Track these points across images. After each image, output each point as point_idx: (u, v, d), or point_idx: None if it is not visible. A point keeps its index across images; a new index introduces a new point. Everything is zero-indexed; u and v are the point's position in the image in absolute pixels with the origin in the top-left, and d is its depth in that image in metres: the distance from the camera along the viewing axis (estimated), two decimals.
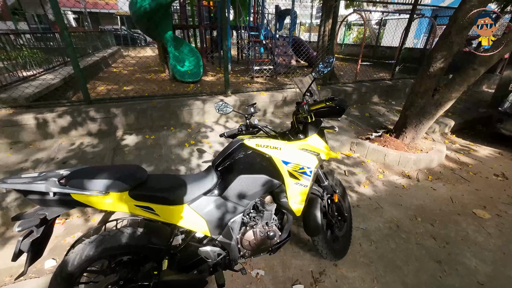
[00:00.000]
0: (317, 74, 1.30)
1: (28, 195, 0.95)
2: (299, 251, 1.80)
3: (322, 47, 5.15)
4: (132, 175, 1.08)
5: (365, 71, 7.16)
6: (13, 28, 12.71)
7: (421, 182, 2.71)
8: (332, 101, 1.10)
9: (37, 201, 0.97)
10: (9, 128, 2.72)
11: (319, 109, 1.26)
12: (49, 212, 0.99)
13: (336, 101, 1.09)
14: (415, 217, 2.16)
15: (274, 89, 4.12)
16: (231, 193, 1.21)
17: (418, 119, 2.99)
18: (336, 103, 1.10)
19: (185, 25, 7.50)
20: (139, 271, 1.20)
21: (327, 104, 1.13)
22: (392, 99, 5.08)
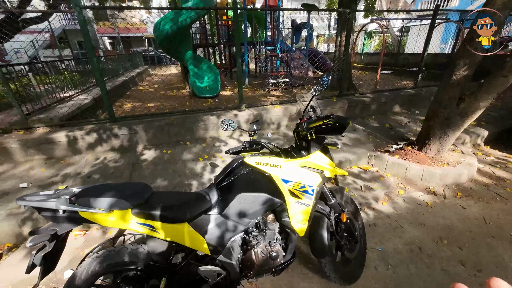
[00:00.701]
0: (319, 89, 1.28)
1: (41, 212, 1.04)
2: (308, 272, 1.71)
3: (339, 57, 5.10)
4: (135, 194, 1.13)
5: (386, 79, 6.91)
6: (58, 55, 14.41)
7: (448, 199, 2.47)
8: (329, 118, 1.07)
9: (49, 218, 1.05)
10: (45, 145, 3.02)
11: (319, 126, 1.23)
12: (59, 228, 1.06)
13: (334, 119, 1.06)
14: (441, 239, 1.96)
15: (288, 102, 4.12)
16: (231, 212, 1.21)
17: (443, 130, 2.78)
18: (334, 120, 1.07)
19: (204, 44, 7.90)
20: (142, 287, 1.23)
21: (324, 122, 1.11)
22: (415, 109, 4.80)
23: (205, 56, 9.16)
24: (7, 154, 2.91)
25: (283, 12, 9.24)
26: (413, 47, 8.73)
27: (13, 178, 2.64)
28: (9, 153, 2.91)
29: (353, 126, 3.98)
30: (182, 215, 1.15)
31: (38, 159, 3.02)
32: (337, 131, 1.19)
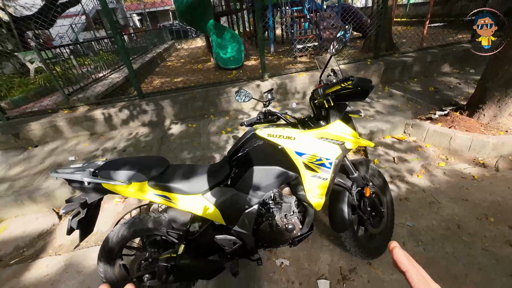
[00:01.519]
0: (335, 48, 1.11)
1: (70, 183, 1.14)
2: (329, 244, 1.69)
3: (377, 12, 4.41)
4: (151, 167, 1.17)
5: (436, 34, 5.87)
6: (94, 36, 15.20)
7: (501, 172, 2.14)
8: (347, 81, 0.92)
9: (78, 188, 1.16)
10: (86, 122, 3.32)
11: (337, 92, 1.08)
12: (88, 197, 1.17)
13: (354, 81, 0.91)
14: (486, 217, 1.74)
15: (315, 69, 3.79)
16: (244, 185, 1.20)
17: (504, 91, 2.31)
18: (353, 83, 0.92)
19: (227, 11, 7.50)
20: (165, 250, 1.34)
21: (342, 85, 0.96)
22: (470, 67, 4.05)
23: (229, 25, 8.78)
24: (58, 131, 3.28)
25: None
26: None
27: (64, 152, 3.00)
28: (59, 130, 3.28)
29: (390, 91, 3.55)
30: (196, 188, 1.18)
31: (82, 134, 3.36)
32: (359, 97, 1.03)
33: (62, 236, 2.09)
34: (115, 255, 1.32)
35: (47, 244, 2.03)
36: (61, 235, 2.10)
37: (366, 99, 1.08)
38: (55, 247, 1.99)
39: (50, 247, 2.00)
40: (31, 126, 3.17)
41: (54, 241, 2.05)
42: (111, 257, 1.31)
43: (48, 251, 1.96)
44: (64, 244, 2.01)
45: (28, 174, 2.64)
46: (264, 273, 1.55)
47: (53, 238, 2.09)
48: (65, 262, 1.82)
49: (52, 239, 2.07)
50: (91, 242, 1.98)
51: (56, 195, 2.34)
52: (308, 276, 1.51)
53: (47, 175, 2.58)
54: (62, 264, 1.81)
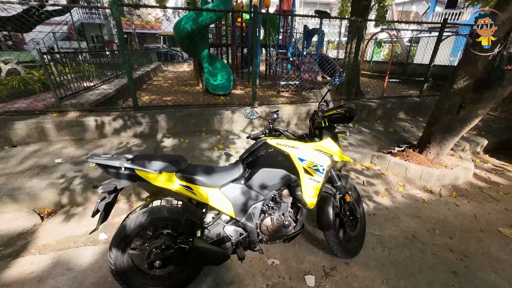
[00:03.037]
0: (331, 86, 1.53)
1: (106, 169, 1.30)
2: (313, 248, 1.94)
3: (348, 64, 5.34)
4: (179, 161, 1.39)
5: (393, 88, 7.11)
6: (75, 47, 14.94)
7: (443, 197, 2.68)
8: (341, 108, 1.31)
9: (112, 174, 1.31)
10: (76, 127, 3.31)
11: (331, 116, 1.47)
12: (119, 183, 1.32)
13: (345, 108, 1.30)
14: (434, 230, 2.18)
15: (298, 103, 4.36)
16: (254, 183, 1.46)
17: (443, 135, 2.99)
18: (345, 109, 1.31)
19: (219, 44, 8.21)
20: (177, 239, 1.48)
21: (337, 110, 1.35)
22: (419, 116, 5.00)
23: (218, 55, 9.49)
24: (43, 133, 3.20)
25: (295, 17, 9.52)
26: (422, 58, 8.90)
27: (49, 154, 2.93)
28: (44, 133, 3.21)
29: (359, 128, 4.20)
30: (215, 182, 1.40)
31: (69, 139, 3.31)
32: (347, 120, 1.43)
33: (46, 236, 2.02)
34: (128, 243, 1.42)
35: (29, 243, 1.94)
36: (45, 235, 2.03)
37: (350, 124, 1.48)
38: (39, 247, 1.92)
39: (33, 246, 1.92)
40: (15, 125, 3.07)
41: (37, 241, 1.97)
42: (125, 244, 1.40)
43: (30, 250, 1.88)
44: (49, 244, 1.95)
45: (8, 173, 2.52)
46: (258, 270, 1.73)
47: (35, 237, 2.01)
48: (52, 261, 1.78)
49: (34, 239, 1.99)
50: (80, 243, 1.96)
51: (41, 196, 2.28)
52: (296, 272, 1.72)
53: (31, 174, 2.51)
54: (49, 262, 1.76)
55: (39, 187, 2.32)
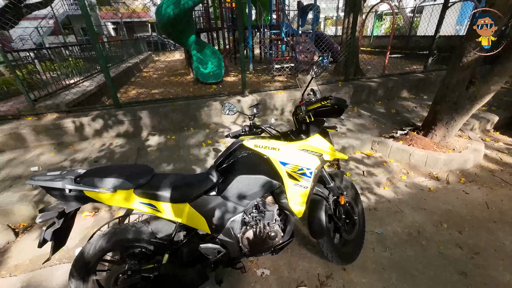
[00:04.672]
0: (318, 71, 1.27)
1: (49, 191, 1.09)
2: (307, 253, 1.77)
3: (346, 41, 4.93)
4: (137, 175, 1.17)
5: (395, 64, 6.68)
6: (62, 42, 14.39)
7: (451, 184, 2.46)
8: (326, 100, 1.06)
9: (57, 196, 1.11)
10: (53, 131, 3.10)
11: (317, 109, 1.22)
12: (67, 206, 1.12)
13: (332, 100, 1.05)
14: (441, 223, 1.98)
15: (292, 88, 4.06)
16: (230, 193, 1.25)
17: (450, 114, 2.71)
18: (332, 102, 1.06)
19: (208, 28, 7.73)
20: (146, 263, 1.30)
21: (322, 103, 1.10)
22: (424, 93, 4.66)
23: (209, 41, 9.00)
24: (19, 139, 3.01)
25: None
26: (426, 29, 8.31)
27: (25, 163, 2.74)
28: (20, 139, 3.01)
29: (358, 112, 3.91)
30: (183, 196, 1.19)
31: (47, 144, 3.12)
32: (336, 114, 1.18)
33: (19, 254, 1.88)
34: (90, 270, 1.25)
35: (0, 264, 1.80)
36: (17, 253, 1.89)
37: (341, 117, 1.23)
38: (10, 268, 1.77)
39: (3, 267, 1.78)
40: None
41: (8, 261, 1.83)
42: (86, 272, 1.23)
43: (0, 272, 1.74)
44: (22, 263, 1.80)
45: None
46: (246, 283, 1.56)
47: (7, 257, 1.86)
48: (22, 284, 1.64)
49: (6, 259, 1.85)
50: (55, 260, 1.81)
51: (14, 210, 2.11)
52: (288, 283, 1.56)
53: (3, 187, 2.33)
54: (18, 286, 1.62)
55: (11, 200, 2.15)
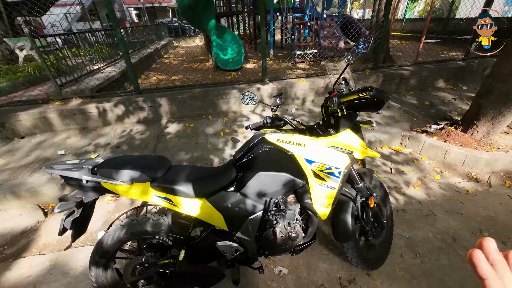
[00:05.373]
0: (353, 57, 1.10)
1: (67, 181, 1.07)
2: (328, 253, 1.67)
3: (376, 25, 4.52)
4: (154, 167, 1.12)
5: (430, 50, 6.08)
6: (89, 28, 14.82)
7: (494, 187, 2.20)
8: (366, 91, 0.91)
9: (75, 186, 1.09)
10: (79, 115, 3.19)
11: (352, 101, 1.07)
12: (85, 196, 1.11)
13: (372, 92, 0.90)
14: (480, 231, 1.77)
15: (315, 75, 3.83)
16: (250, 190, 1.16)
17: (498, 109, 2.39)
18: (372, 94, 0.91)
19: (228, 12, 7.49)
20: (164, 255, 1.28)
21: (360, 95, 0.95)
22: (463, 84, 4.20)
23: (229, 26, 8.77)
24: (47, 123, 3.14)
25: None
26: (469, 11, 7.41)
27: (53, 146, 2.86)
28: (48, 122, 3.14)
29: (388, 103, 3.61)
30: (200, 191, 1.13)
31: (73, 128, 3.23)
32: (374, 107, 1.03)
33: (47, 234, 1.97)
34: (109, 259, 1.25)
35: (31, 242, 1.91)
36: (46, 233, 1.99)
37: (378, 111, 1.08)
38: (40, 246, 1.88)
39: (34, 245, 1.88)
40: (19, 116, 3.01)
41: (38, 240, 1.93)
42: (105, 260, 1.24)
43: (31, 250, 1.84)
44: (50, 243, 1.90)
45: (13, 167, 2.49)
46: (262, 280, 1.51)
47: (37, 236, 1.97)
48: (50, 263, 1.72)
49: (36, 237, 1.95)
50: (80, 243, 1.88)
51: (42, 191, 2.21)
52: (307, 285, 1.48)
53: (33, 169, 2.45)
54: (47, 265, 1.70)
55: (40, 182, 2.25)
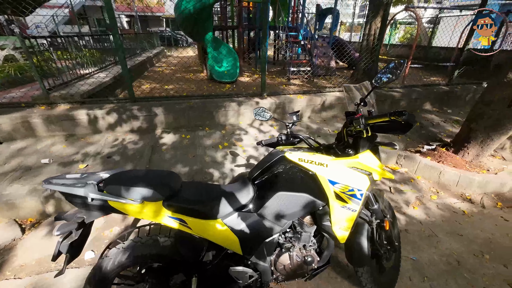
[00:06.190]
0: (378, 82, 1.11)
1: (69, 198, 0.96)
2: (337, 276, 1.61)
3: (367, 48, 4.75)
4: (167, 185, 1.03)
5: (414, 74, 6.48)
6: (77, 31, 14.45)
7: (487, 209, 2.28)
8: (399, 115, 0.90)
9: (77, 204, 0.97)
10: (66, 122, 2.99)
11: (378, 123, 1.07)
12: (87, 215, 0.99)
13: (405, 116, 0.90)
14: (482, 254, 1.80)
15: (312, 92, 3.90)
16: (268, 211, 1.10)
17: (487, 133, 2.53)
18: (404, 118, 0.91)
19: (224, 26, 7.62)
20: (169, 282, 1.16)
21: (391, 118, 0.94)
22: (447, 107, 4.46)
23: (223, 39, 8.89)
24: (31, 128, 2.90)
25: None
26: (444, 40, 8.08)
27: (36, 153, 2.63)
28: (32, 128, 2.90)
29: None
30: (216, 211, 1.05)
31: (59, 135, 3.01)
32: (401, 130, 1.03)
33: (25, 254, 1.75)
34: (106, 285, 1.11)
35: (5, 263, 1.68)
36: (23, 252, 1.76)
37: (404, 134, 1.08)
38: (15, 268, 1.65)
39: (8, 267, 1.66)
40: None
41: (14, 260, 1.71)
42: (102, 287, 1.09)
43: (4, 273, 1.61)
44: (28, 264, 1.68)
45: None
46: None
47: (12, 256, 1.74)
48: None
49: (11, 258, 1.72)
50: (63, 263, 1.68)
51: (21, 204, 2.00)
52: None
53: (12, 178, 2.22)
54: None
55: (20, 194, 2.03)
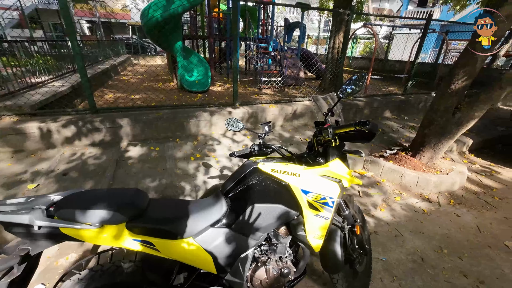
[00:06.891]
0: (343, 93, 1.17)
1: (9, 227, 0.82)
2: (313, 285, 1.61)
3: (332, 60, 5.07)
4: (131, 204, 0.94)
5: (375, 85, 7.05)
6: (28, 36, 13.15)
7: (442, 206, 2.51)
8: (363, 125, 0.95)
9: (20, 235, 0.84)
10: (13, 136, 2.64)
11: (345, 132, 1.12)
12: (33, 246, 0.85)
13: (368, 126, 0.95)
14: (441, 249, 1.96)
15: (283, 102, 4.01)
16: (242, 225, 1.07)
17: (438, 138, 2.81)
18: (369, 127, 0.96)
19: (195, 36, 7.56)
20: None
21: (356, 128, 0.99)
22: (404, 115, 4.91)
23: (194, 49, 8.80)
24: None
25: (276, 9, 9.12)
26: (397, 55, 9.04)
27: None
28: None
29: None
30: (186, 229, 0.98)
31: (3, 151, 2.64)
32: (365, 139, 1.08)
33: None
34: None
35: None
36: None
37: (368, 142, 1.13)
38: None
39: None
40: None
41: None
42: None
43: None
44: None
45: None
46: None
47: None
48: None
49: None
50: None
51: None
52: None
53: None
54: None
55: None
